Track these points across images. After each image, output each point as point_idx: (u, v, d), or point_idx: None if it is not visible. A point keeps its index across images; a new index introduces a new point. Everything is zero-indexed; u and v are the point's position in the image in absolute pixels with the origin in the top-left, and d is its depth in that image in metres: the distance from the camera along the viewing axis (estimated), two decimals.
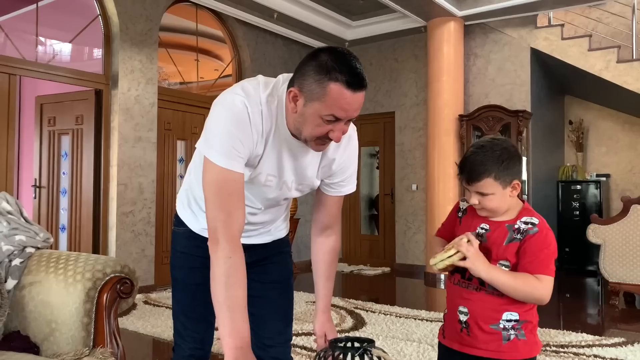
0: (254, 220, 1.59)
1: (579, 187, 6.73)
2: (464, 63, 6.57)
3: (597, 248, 4.99)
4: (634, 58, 5.97)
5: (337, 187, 1.61)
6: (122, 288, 1.93)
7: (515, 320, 1.46)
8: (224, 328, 1.26)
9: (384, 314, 4.48)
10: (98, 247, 5.25)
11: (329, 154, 1.52)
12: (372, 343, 1.37)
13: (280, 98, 1.39)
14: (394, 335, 3.83)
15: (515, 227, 1.47)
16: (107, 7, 5.26)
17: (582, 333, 3.88)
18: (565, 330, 3.94)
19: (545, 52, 6.27)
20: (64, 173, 5.59)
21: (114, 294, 1.91)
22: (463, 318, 1.50)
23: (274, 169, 1.47)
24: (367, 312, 4.56)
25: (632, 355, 3.38)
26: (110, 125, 5.29)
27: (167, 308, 4.62)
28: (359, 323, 4.20)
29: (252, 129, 1.36)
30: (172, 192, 5.87)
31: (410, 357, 3.32)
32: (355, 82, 1.28)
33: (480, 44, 6.68)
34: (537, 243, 1.44)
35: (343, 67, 1.27)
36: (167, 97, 5.80)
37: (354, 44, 7.46)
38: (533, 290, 1.42)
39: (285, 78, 1.42)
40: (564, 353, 3.41)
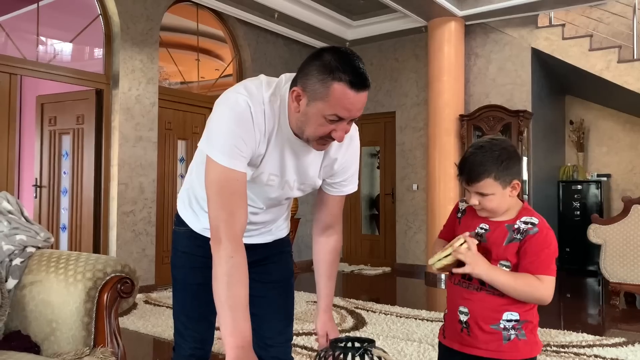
0: (256, 220, 1.59)
1: (580, 187, 6.73)
2: (465, 63, 6.57)
3: (597, 248, 4.99)
4: (635, 58, 5.97)
5: (338, 186, 1.61)
6: (122, 288, 1.93)
7: (516, 320, 1.46)
8: (226, 327, 1.26)
9: (385, 314, 4.48)
10: (99, 246, 5.26)
11: (331, 154, 1.52)
12: (372, 343, 1.37)
13: (283, 97, 1.39)
14: (395, 335, 3.83)
15: (515, 227, 1.47)
16: (107, 6, 5.26)
17: (582, 333, 3.88)
18: (566, 330, 3.94)
19: (546, 52, 6.27)
20: (65, 173, 5.60)
21: (115, 294, 1.91)
22: (463, 318, 1.50)
23: (276, 169, 1.47)
24: (367, 312, 4.57)
25: (632, 356, 3.38)
26: (111, 125, 5.29)
27: (167, 308, 4.62)
28: (360, 323, 4.20)
29: (254, 129, 1.36)
30: (172, 191, 5.87)
31: (411, 357, 3.32)
32: (359, 82, 1.28)
33: (481, 44, 6.67)
34: (537, 243, 1.44)
35: (346, 67, 1.27)
36: (167, 96, 5.81)
37: (355, 44, 7.46)
38: (534, 291, 1.42)
39: (288, 77, 1.42)
40: (565, 353, 3.41)
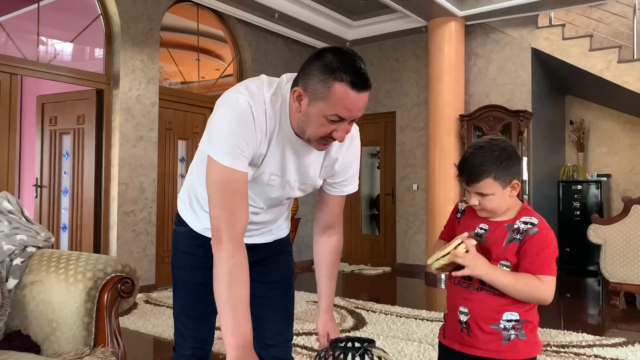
0: (256, 220, 1.59)
1: (580, 187, 6.73)
2: (465, 63, 6.57)
3: (597, 248, 4.99)
4: (635, 58, 5.97)
5: (339, 186, 1.61)
6: (123, 287, 1.93)
7: (516, 320, 1.46)
8: (227, 327, 1.26)
9: (385, 314, 4.48)
10: (99, 246, 5.26)
11: (332, 154, 1.52)
12: (372, 343, 1.37)
13: (284, 97, 1.39)
14: (395, 335, 3.83)
15: (515, 227, 1.47)
16: (108, 6, 5.27)
17: (582, 333, 3.88)
18: (566, 330, 3.94)
19: (546, 52, 6.27)
20: (65, 172, 5.60)
21: (115, 294, 1.91)
22: (463, 318, 1.51)
23: (277, 169, 1.47)
24: (367, 311, 4.57)
25: (632, 356, 3.38)
26: (112, 125, 5.29)
27: (168, 307, 4.63)
28: (360, 323, 4.20)
29: (256, 128, 1.36)
30: (173, 191, 5.87)
31: (411, 357, 3.32)
32: (360, 82, 1.28)
33: (481, 44, 6.67)
34: (537, 243, 1.44)
35: (348, 67, 1.27)
36: (168, 96, 5.81)
37: (355, 44, 7.46)
38: (535, 291, 1.43)
39: (289, 77, 1.42)
40: (565, 353, 3.41)
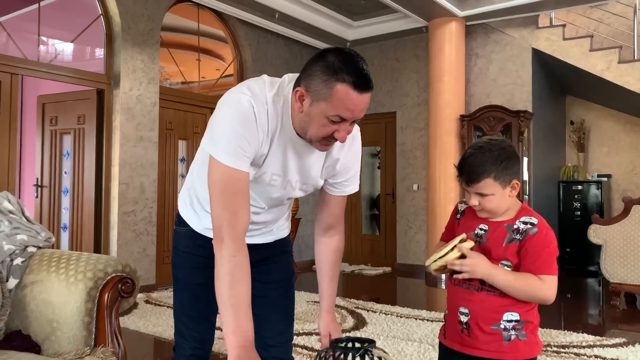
0: (257, 220, 1.59)
1: (580, 187, 6.72)
2: (465, 63, 6.57)
3: (598, 248, 4.98)
4: (636, 58, 5.96)
5: (340, 186, 1.61)
6: (123, 287, 1.93)
7: (516, 321, 1.46)
8: (228, 326, 1.26)
9: (385, 314, 4.48)
10: (99, 246, 5.26)
11: (333, 154, 1.53)
12: (373, 343, 1.37)
13: (286, 98, 1.39)
14: (395, 335, 3.83)
15: (515, 227, 1.47)
16: (109, 6, 5.27)
17: (583, 333, 3.88)
18: (566, 331, 3.94)
19: (547, 52, 6.27)
20: (66, 172, 5.60)
21: (115, 294, 1.91)
22: (464, 319, 1.51)
23: (279, 169, 1.47)
24: (368, 312, 4.57)
25: (633, 356, 3.38)
26: (112, 125, 5.29)
27: (168, 307, 4.63)
28: (360, 323, 4.20)
29: (258, 128, 1.36)
30: (173, 191, 5.87)
31: (411, 357, 3.32)
32: (362, 83, 1.28)
33: (482, 44, 6.67)
34: (537, 243, 1.44)
35: (350, 68, 1.27)
36: (168, 96, 5.81)
37: (356, 44, 7.46)
38: (537, 291, 1.43)
39: (291, 78, 1.42)
40: (565, 353, 3.41)
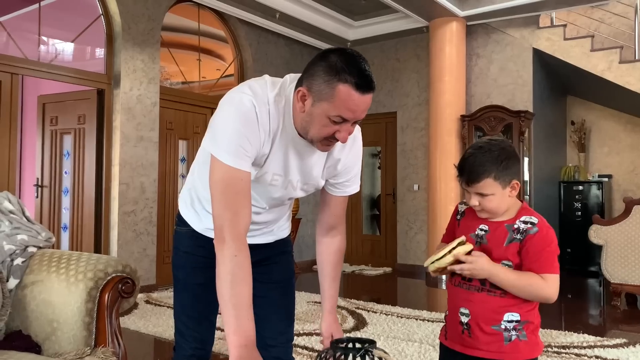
0: (258, 220, 1.59)
1: (581, 187, 6.72)
2: (466, 63, 6.56)
3: (599, 249, 4.98)
4: (637, 59, 5.96)
5: (341, 187, 1.61)
6: (123, 287, 1.93)
7: (517, 321, 1.46)
8: (229, 326, 1.26)
9: (386, 314, 4.48)
10: (100, 246, 5.26)
11: (335, 154, 1.53)
12: (373, 344, 1.37)
13: (288, 98, 1.39)
14: (396, 336, 3.83)
15: (515, 227, 1.47)
16: (109, 6, 5.27)
17: (583, 334, 3.87)
18: (567, 331, 3.94)
19: (548, 52, 6.26)
20: (66, 172, 5.60)
21: (116, 294, 1.91)
22: (464, 319, 1.50)
23: (280, 169, 1.47)
24: (368, 312, 4.56)
25: (633, 357, 3.37)
26: (112, 125, 5.29)
27: (168, 308, 4.63)
28: (361, 323, 4.20)
29: (259, 128, 1.36)
30: (174, 191, 5.87)
31: (412, 357, 3.32)
32: (364, 84, 1.28)
33: (483, 44, 6.67)
34: (538, 242, 1.44)
35: (352, 68, 1.27)
36: (169, 96, 5.81)
37: (356, 44, 7.46)
38: (539, 290, 1.43)
39: (293, 78, 1.42)
40: (566, 354, 3.40)
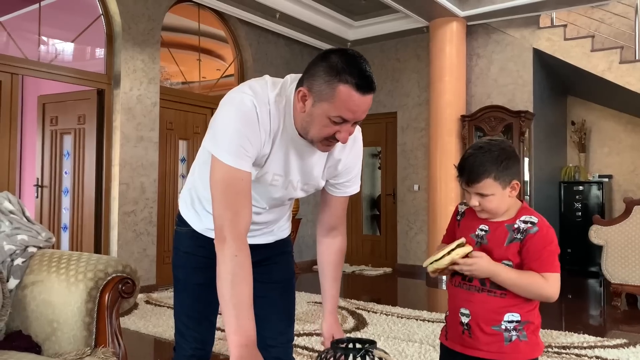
0: (259, 220, 1.59)
1: (582, 188, 6.71)
2: (467, 63, 6.56)
3: (599, 249, 4.97)
4: (637, 59, 5.95)
5: (342, 187, 1.61)
6: (123, 288, 1.93)
7: (517, 321, 1.46)
8: (230, 326, 1.26)
9: (386, 315, 4.47)
10: (100, 246, 5.26)
11: (335, 155, 1.53)
12: (373, 344, 1.37)
13: (289, 98, 1.39)
14: (396, 336, 3.83)
15: (515, 226, 1.47)
16: (109, 6, 5.27)
17: (584, 334, 3.87)
18: (567, 332, 3.93)
19: (548, 52, 6.26)
20: (66, 172, 5.60)
21: (116, 294, 1.91)
22: (465, 320, 1.50)
23: (281, 169, 1.47)
24: (368, 312, 4.56)
25: (634, 357, 3.37)
26: (113, 125, 5.29)
27: (168, 308, 4.62)
28: (361, 323, 4.19)
29: (260, 128, 1.36)
30: (174, 191, 5.87)
31: (412, 357, 3.32)
32: (365, 84, 1.28)
33: (483, 44, 6.67)
34: (539, 241, 1.44)
35: (353, 69, 1.27)
36: (169, 96, 5.81)
37: (356, 44, 7.46)
38: (540, 289, 1.43)
39: (294, 78, 1.42)
40: (566, 354, 3.40)
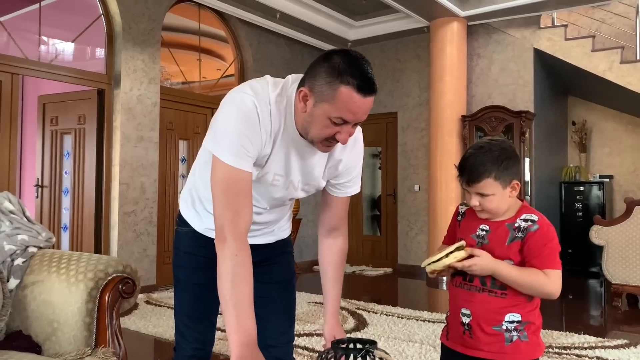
0: (259, 220, 1.59)
1: (582, 188, 6.71)
2: (467, 63, 6.56)
3: (600, 249, 4.97)
4: (638, 59, 5.95)
5: (343, 187, 1.61)
6: (124, 288, 1.93)
7: (518, 322, 1.46)
8: (230, 325, 1.26)
9: (386, 315, 4.47)
10: (100, 246, 5.26)
11: (336, 155, 1.53)
12: (374, 344, 1.36)
13: (290, 98, 1.39)
14: (396, 336, 3.82)
15: (516, 225, 1.47)
16: (109, 6, 5.27)
17: (584, 335, 3.87)
18: (568, 332, 3.93)
19: (549, 52, 6.25)
20: (66, 172, 5.60)
21: (116, 294, 1.91)
22: (466, 320, 1.50)
23: (281, 169, 1.47)
24: (369, 312, 4.56)
25: (634, 357, 3.37)
26: (113, 125, 5.29)
27: (168, 308, 4.62)
28: (361, 324, 4.19)
29: (261, 129, 1.36)
30: (174, 191, 5.87)
31: (412, 358, 3.31)
32: (366, 86, 1.28)
33: (483, 45, 6.66)
34: (539, 239, 1.44)
35: (355, 70, 1.27)
36: (169, 96, 5.81)
37: (357, 44, 7.45)
38: (542, 286, 1.43)
39: (295, 78, 1.42)
40: (567, 355, 3.40)
